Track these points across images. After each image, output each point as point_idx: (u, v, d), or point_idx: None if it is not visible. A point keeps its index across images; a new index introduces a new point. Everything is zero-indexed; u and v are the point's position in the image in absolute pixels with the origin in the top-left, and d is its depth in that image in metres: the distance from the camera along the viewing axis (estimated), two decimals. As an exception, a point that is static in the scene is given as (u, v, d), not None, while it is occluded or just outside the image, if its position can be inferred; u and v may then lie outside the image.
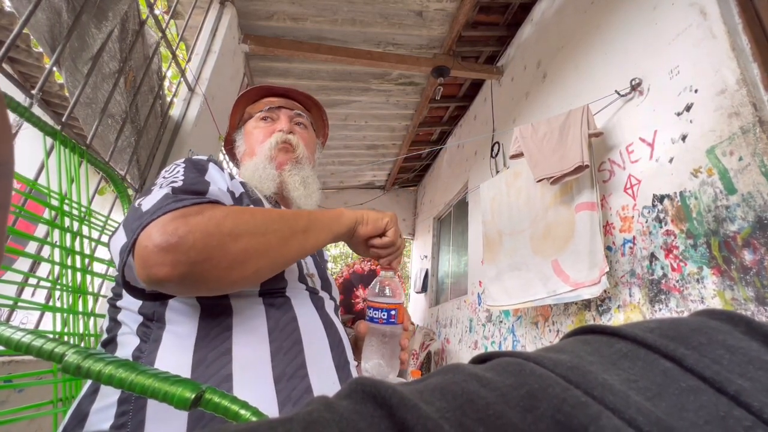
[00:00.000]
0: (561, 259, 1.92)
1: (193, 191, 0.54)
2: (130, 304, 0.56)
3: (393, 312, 0.62)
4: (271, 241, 0.51)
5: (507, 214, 2.46)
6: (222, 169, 0.70)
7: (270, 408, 0.48)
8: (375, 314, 0.63)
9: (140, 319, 0.55)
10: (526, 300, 2.12)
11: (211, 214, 0.48)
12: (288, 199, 0.82)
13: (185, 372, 0.49)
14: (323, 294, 0.70)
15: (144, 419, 0.45)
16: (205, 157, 0.69)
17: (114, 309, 0.59)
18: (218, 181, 0.64)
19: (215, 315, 0.54)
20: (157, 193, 0.52)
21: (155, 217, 0.46)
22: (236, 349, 0.51)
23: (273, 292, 0.60)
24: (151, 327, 0.54)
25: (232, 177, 0.73)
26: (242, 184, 0.74)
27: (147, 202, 0.50)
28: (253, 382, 0.50)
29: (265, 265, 0.51)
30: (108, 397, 0.48)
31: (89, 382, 0.52)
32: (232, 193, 0.67)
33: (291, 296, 0.62)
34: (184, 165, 0.63)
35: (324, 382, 0.55)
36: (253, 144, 0.85)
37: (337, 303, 0.77)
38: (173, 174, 0.59)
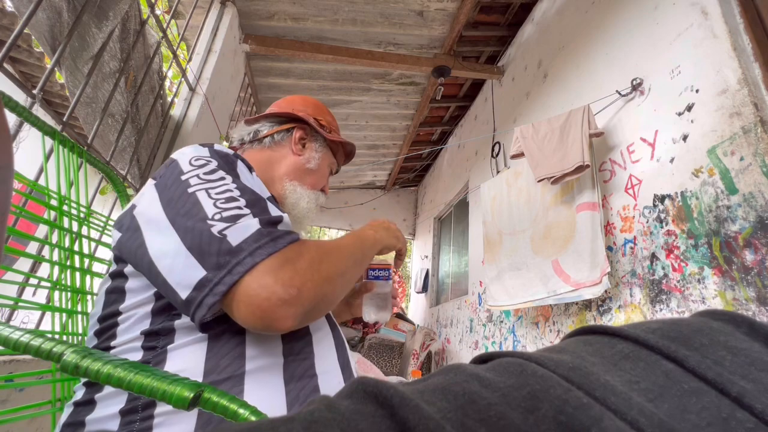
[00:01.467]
0: (561, 259, 1.92)
1: (275, 221, 0.53)
2: (132, 326, 0.52)
3: (389, 271, 0.82)
4: (348, 280, 0.59)
5: (507, 213, 2.46)
6: (249, 167, 0.65)
7: (279, 408, 0.49)
8: (375, 273, 0.81)
9: (143, 337, 0.51)
10: (527, 300, 2.12)
11: (310, 258, 0.51)
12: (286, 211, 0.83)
13: (198, 376, 0.48)
14: None
15: (151, 426, 0.45)
16: (231, 152, 0.63)
17: (107, 332, 0.54)
18: (251, 183, 0.60)
19: (227, 319, 0.53)
20: (235, 220, 0.49)
21: (259, 260, 0.46)
22: (249, 351, 0.51)
23: None
24: (160, 336, 0.51)
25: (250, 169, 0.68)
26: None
27: (234, 234, 0.47)
28: (264, 384, 0.50)
29: (339, 299, 0.58)
30: (108, 409, 0.47)
31: (81, 391, 0.50)
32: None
33: None
34: (226, 171, 0.57)
35: (330, 381, 0.55)
36: (312, 179, 0.84)
37: None
38: (220, 181, 0.54)
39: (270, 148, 0.82)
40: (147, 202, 0.55)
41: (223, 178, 0.55)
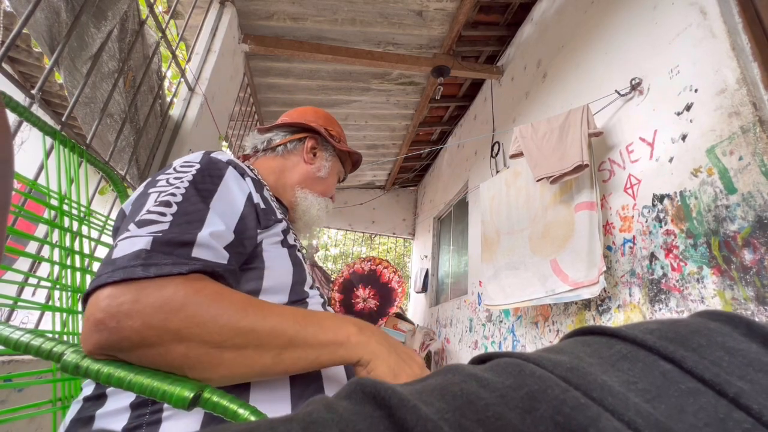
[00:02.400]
0: (560, 258, 1.92)
1: (178, 243, 0.47)
2: None
3: None
4: (226, 358, 0.43)
5: (506, 213, 2.46)
6: (242, 172, 0.63)
7: (283, 408, 0.49)
8: None
9: None
10: (524, 299, 2.12)
11: (170, 297, 0.42)
12: (297, 221, 0.85)
13: None
14: (325, 297, 0.73)
15: (160, 419, 0.45)
16: (225, 158, 0.62)
17: None
18: (231, 196, 0.57)
19: None
20: (144, 225, 0.47)
21: (111, 280, 0.41)
22: None
23: (297, 301, 0.61)
24: None
25: (259, 184, 0.66)
26: (275, 197, 0.74)
27: (121, 246, 0.45)
28: (270, 383, 0.50)
29: (208, 379, 0.44)
30: (118, 402, 0.47)
31: (90, 386, 0.51)
32: (256, 206, 0.60)
33: (308, 301, 0.64)
34: (192, 176, 0.56)
35: (333, 380, 0.56)
36: (322, 186, 0.88)
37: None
38: (176, 186, 0.53)
39: (282, 157, 0.86)
40: (132, 196, 0.59)
41: (180, 183, 0.54)
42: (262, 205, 0.63)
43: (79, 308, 0.75)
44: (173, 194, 0.52)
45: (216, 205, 0.54)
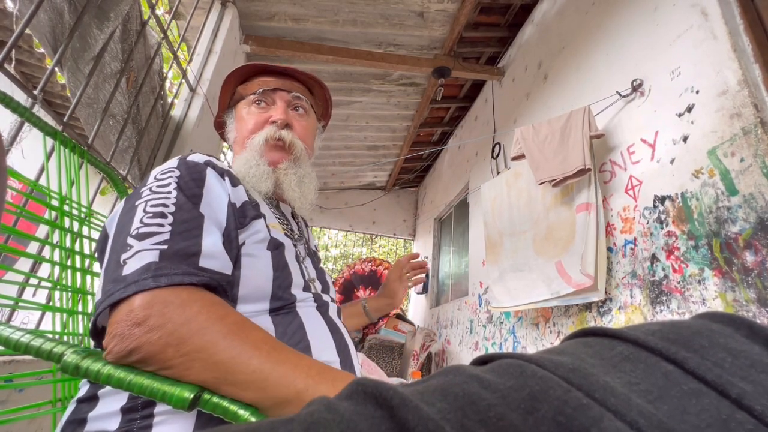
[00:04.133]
0: (564, 260, 1.91)
1: (185, 254, 0.48)
2: None
3: None
4: (223, 391, 0.42)
5: (508, 214, 2.45)
6: (222, 172, 0.64)
7: None
8: None
9: None
10: (530, 301, 2.11)
11: (190, 316, 0.43)
12: (284, 199, 0.80)
13: None
14: (326, 298, 0.70)
15: (151, 425, 0.45)
16: (202, 160, 0.63)
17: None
18: (216, 198, 0.58)
19: None
20: (145, 237, 0.48)
21: (124, 295, 0.43)
22: None
23: (282, 307, 0.60)
24: None
25: (234, 181, 0.66)
26: (244, 186, 0.69)
27: (130, 263, 0.46)
28: None
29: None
30: (109, 406, 0.47)
31: (85, 387, 0.51)
32: (233, 205, 0.61)
33: (298, 305, 0.62)
34: (177, 183, 0.56)
35: None
36: (244, 133, 0.77)
37: (335, 304, 0.76)
38: (164, 195, 0.53)
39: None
40: (115, 213, 0.57)
41: (168, 192, 0.54)
42: (238, 204, 0.62)
43: (86, 313, 0.75)
44: (164, 204, 0.52)
45: (206, 210, 0.55)
